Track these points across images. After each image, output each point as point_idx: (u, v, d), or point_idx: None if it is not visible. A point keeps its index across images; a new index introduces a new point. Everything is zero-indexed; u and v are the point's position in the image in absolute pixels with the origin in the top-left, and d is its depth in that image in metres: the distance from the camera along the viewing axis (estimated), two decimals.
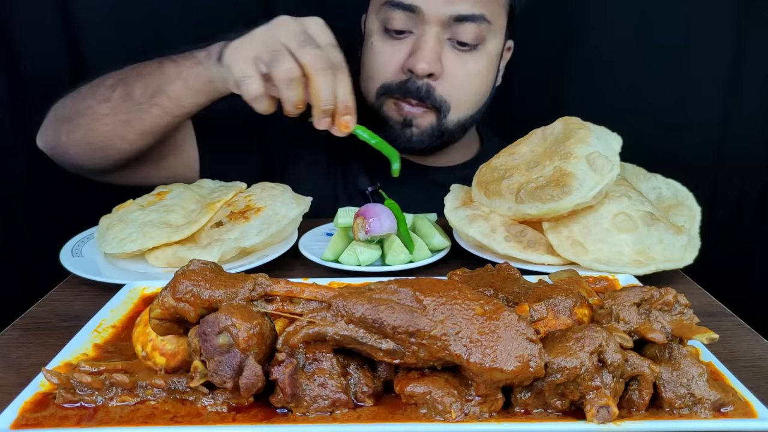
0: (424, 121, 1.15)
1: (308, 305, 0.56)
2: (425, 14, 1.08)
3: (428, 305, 0.53)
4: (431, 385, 0.53)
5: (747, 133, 1.53)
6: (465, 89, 1.15)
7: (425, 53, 1.09)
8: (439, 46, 1.10)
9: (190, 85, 0.97)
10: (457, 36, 1.10)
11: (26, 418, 0.52)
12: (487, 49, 1.14)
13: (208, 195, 1.02)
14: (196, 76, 0.97)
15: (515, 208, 0.89)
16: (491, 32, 1.13)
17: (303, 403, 0.53)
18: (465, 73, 1.13)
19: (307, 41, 0.88)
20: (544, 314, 0.58)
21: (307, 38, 0.88)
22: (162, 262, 0.89)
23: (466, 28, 1.10)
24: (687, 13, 1.45)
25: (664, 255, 0.86)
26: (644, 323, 0.56)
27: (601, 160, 0.87)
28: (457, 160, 1.29)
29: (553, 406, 0.53)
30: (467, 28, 1.10)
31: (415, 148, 1.17)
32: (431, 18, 1.08)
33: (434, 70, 1.10)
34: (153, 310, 0.56)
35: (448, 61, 1.11)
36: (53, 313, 0.79)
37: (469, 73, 1.14)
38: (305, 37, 0.88)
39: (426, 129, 1.15)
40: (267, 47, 0.88)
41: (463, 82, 1.14)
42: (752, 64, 1.47)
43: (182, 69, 0.98)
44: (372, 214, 0.91)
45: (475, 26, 1.10)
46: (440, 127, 1.16)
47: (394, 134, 1.16)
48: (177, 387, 0.55)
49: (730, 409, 0.53)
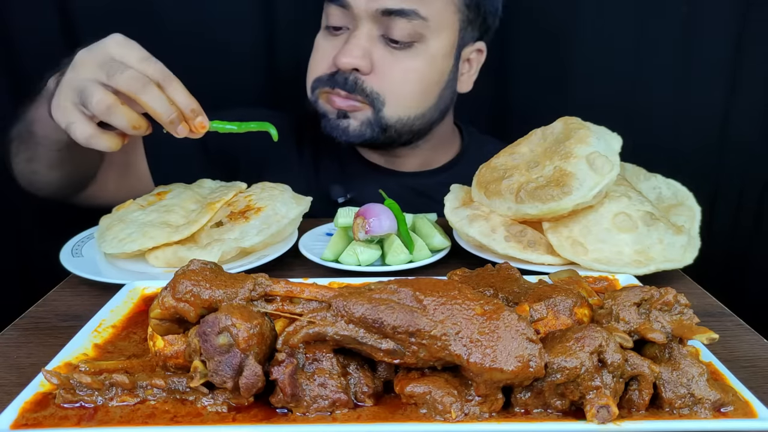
0: (360, 114, 1.13)
1: (308, 305, 0.56)
2: (354, 9, 1.08)
3: (428, 305, 0.53)
4: (431, 385, 0.53)
5: (747, 133, 1.53)
6: (400, 86, 1.12)
7: (350, 48, 1.08)
8: (369, 42, 1.09)
9: (45, 124, 0.91)
10: (389, 33, 1.08)
11: (26, 418, 0.52)
12: (427, 48, 1.11)
13: (208, 195, 1.02)
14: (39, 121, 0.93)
15: (515, 208, 0.89)
16: (430, 30, 1.10)
17: (303, 403, 0.53)
18: (399, 71, 1.11)
19: (113, 67, 0.80)
20: (544, 314, 0.58)
21: (113, 64, 0.80)
22: (162, 262, 0.89)
23: (397, 24, 1.07)
24: (687, 12, 1.45)
25: (664, 255, 0.86)
26: (644, 323, 0.56)
27: (601, 160, 0.87)
28: (435, 162, 1.28)
29: (553, 406, 0.53)
30: (399, 25, 1.07)
31: (355, 141, 1.15)
32: (360, 13, 1.08)
33: (358, 65, 1.08)
34: (153, 310, 0.56)
35: (380, 57, 1.10)
36: (53, 313, 0.79)
37: (405, 71, 1.11)
38: (111, 63, 0.80)
39: (364, 121, 1.13)
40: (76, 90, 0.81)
41: (397, 79, 1.11)
42: (753, 64, 1.47)
43: (34, 111, 0.94)
44: (372, 214, 0.91)
45: (406, 22, 1.07)
46: (379, 122, 1.13)
47: (330, 126, 1.15)
48: (177, 387, 0.55)
49: (730, 409, 0.53)
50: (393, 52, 1.10)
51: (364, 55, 1.08)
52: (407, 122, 1.16)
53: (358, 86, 1.10)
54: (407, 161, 1.26)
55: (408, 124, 1.16)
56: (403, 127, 1.16)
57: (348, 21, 1.11)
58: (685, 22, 1.45)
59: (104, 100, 0.79)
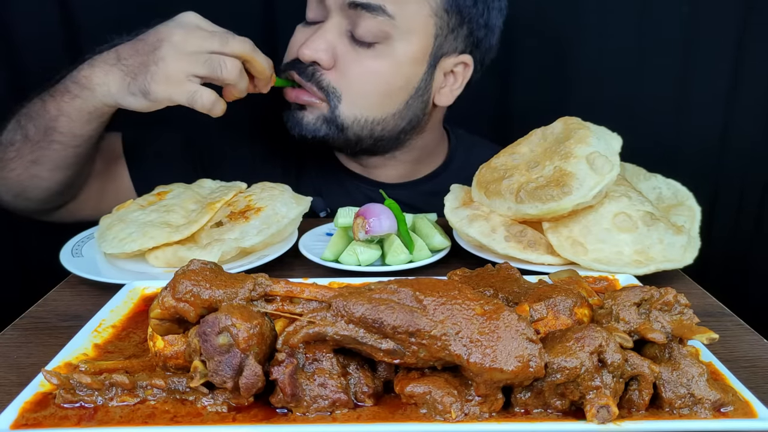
0: (316, 110, 1.10)
1: (308, 305, 0.56)
2: (326, 1, 1.06)
3: (428, 305, 0.53)
4: (431, 385, 0.53)
5: (748, 133, 1.53)
6: (358, 85, 1.08)
7: (313, 39, 1.06)
8: (335, 36, 1.07)
9: (74, 117, 0.95)
10: (354, 29, 1.05)
11: (26, 418, 0.52)
12: (392, 50, 1.07)
13: (208, 195, 1.02)
14: (78, 110, 0.95)
15: (515, 208, 0.89)
16: (398, 31, 1.05)
17: (303, 403, 0.53)
18: (360, 69, 1.07)
19: (222, 37, 0.91)
20: (544, 314, 0.58)
21: (215, 34, 0.91)
22: (162, 262, 0.89)
23: (363, 20, 1.04)
24: (688, 12, 1.45)
25: (664, 255, 0.86)
26: (644, 323, 0.56)
27: (601, 160, 0.87)
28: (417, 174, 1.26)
29: (553, 406, 0.53)
30: (364, 20, 1.04)
31: (307, 135, 1.12)
32: (332, 5, 1.06)
33: (318, 57, 1.06)
34: (153, 310, 0.56)
35: (343, 53, 1.07)
36: (53, 313, 0.79)
37: (365, 70, 1.08)
38: (215, 34, 0.91)
39: (319, 117, 1.10)
40: (194, 62, 0.89)
41: (355, 77, 1.08)
42: (754, 64, 1.47)
43: (61, 105, 0.95)
44: (372, 214, 0.91)
45: (372, 18, 1.03)
46: (335, 119, 1.10)
47: (288, 117, 1.14)
48: (177, 387, 0.55)
49: (730, 409, 0.53)
50: (357, 50, 1.07)
51: (326, 49, 1.06)
52: (365, 125, 1.11)
53: (314, 78, 1.08)
54: (387, 171, 1.23)
55: (367, 126, 1.12)
56: (362, 130, 1.12)
57: (323, 15, 1.09)
58: (685, 23, 1.45)
59: (236, 65, 0.91)
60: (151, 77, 0.89)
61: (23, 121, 1.00)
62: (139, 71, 0.90)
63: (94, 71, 0.93)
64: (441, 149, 1.30)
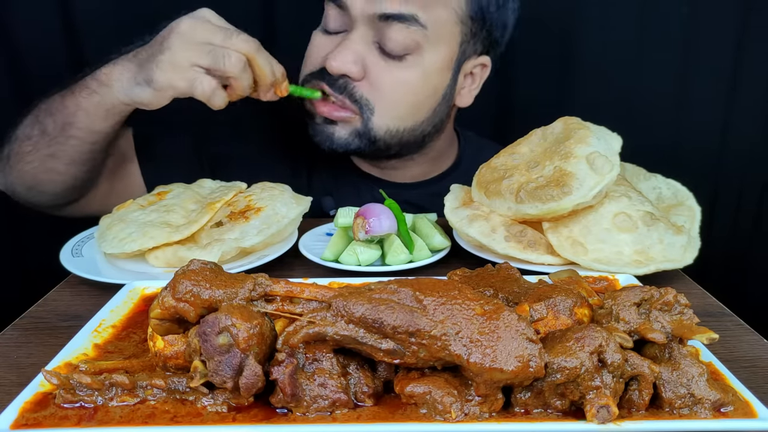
0: (348, 125, 1.10)
1: (308, 305, 0.56)
2: (351, 11, 1.04)
3: (428, 305, 0.53)
4: (431, 385, 0.53)
5: (748, 133, 1.53)
6: (391, 96, 1.08)
7: (342, 51, 1.04)
8: (364, 48, 1.05)
9: (92, 113, 0.97)
10: (383, 41, 1.04)
11: (26, 418, 0.52)
12: (422, 60, 1.06)
13: (208, 195, 1.02)
14: (96, 105, 0.96)
15: (515, 208, 0.89)
16: (428, 41, 1.05)
17: (303, 403, 0.53)
18: (391, 80, 1.07)
19: (227, 32, 0.91)
20: (544, 314, 0.58)
21: (224, 29, 0.92)
22: (162, 262, 0.89)
23: (394, 31, 1.03)
24: (687, 13, 1.45)
25: (664, 255, 0.86)
26: (644, 323, 0.56)
27: (601, 160, 0.87)
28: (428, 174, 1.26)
29: (553, 406, 0.53)
30: (395, 32, 1.03)
31: (339, 149, 1.12)
32: (358, 16, 1.04)
33: (348, 70, 1.05)
34: (153, 310, 0.56)
35: (372, 64, 1.06)
36: (53, 313, 0.79)
37: (396, 82, 1.07)
38: (221, 29, 0.92)
39: (352, 132, 1.10)
40: (198, 52, 0.90)
41: (387, 88, 1.07)
42: (753, 64, 1.47)
43: (80, 100, 0.97)
44: (372, 214, 0.91)
45: (404, 28, 1.02)
46: (368, 132, 1.10)
47: (315, 130, 1.13)
48: (177, 387, 0.55)
49: (730, 409, 0.53)
50: (386, 60, 1.06)
51: (355, 61, 1.05)
52: (396, 134, 1.12)
53: (347, 90, 1.07)
54: (402, 172, 1.24)
55: (397, 136, 1.12)
56: (392, 139, 1.12)
57: (345, 24, 1.07)
58: (685, 24, 1.45)
59: (240, 59, 0.90)
60: (156, 65, 0.90)
61: (41, 117, 1.01)
62: (147, 61, 0.92)
63: (115, 68, 0.95)
64: (452, 150, 1.30)
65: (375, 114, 1.09)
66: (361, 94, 1.07)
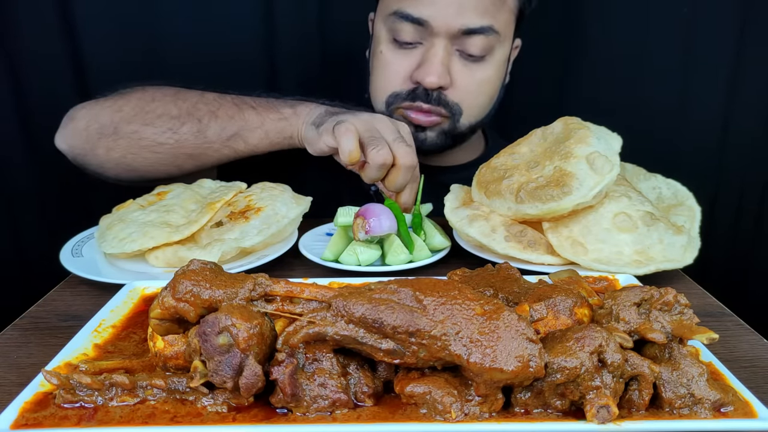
0: (437, 127, 1.16)
1: (308, 305, 0.56)
2: (434, 27, 1.08)
3: (428, 305, 0.53)
4: (431, 385, 0.53)
5: (748, 133, 1.53)
6: (474, 97, 1.16)
7: (434, 66, 1.09)
8: (447, 58, 1.11)
9: (270, 137, 1.04)
10: (465, 48, 1.11)
11: (26, 418, 0.52)
12: (495, 57, 1.15)
13: (208, 195, 1.02)
14: (278, 131, 1.04)
15: (515, 208, 0.89)
16: (499, 42, 1.13)
17: (303, 403, 0.53)
18: (474, 83, 1.14)
19: (399, 138, 0.97)
20: (544, 314, 0.58)
21: (399, 136, 0.98)
22: (162, 262, 0.89)
23: (474, 41, 1.10)
24: (688, 13, 1.45)
25: (664, 255, 0.86)
26: (644, 323, 0.56)
27: (601, 160, 0.87)
28: (461, 159, 1.29)
29: (553, 406, 0.53)
30: (475, 41, 1.10)
31: (429, 151, 1.18)
32: (440, 31, 1.08)
33: (443, 82, 1.11)
34: (153, 310, 0.56)
35: (456, 71, 1.12)
36: (53, 313, 0.79)
37: (479, 83, 1.15)
38: (398, 135, 0.98)
39: (440, 133, 1.17)
40: (369, 131, 0.95)
41: (472, 91, 1.15)
42: (753, 65, 1.48)
43: (265, 121, 1.04)
44: (372, 214, 0.91)
45: (483, 38, 1.10)
46: (453, 131, 1.17)
47: None
48: (177, 387, 0.55)
49: (730, 409, 0.53)
50: (468, 65, 1.13)
51: (445, 72, 1.11)
52: (475, 127, 1.20)
53: (441, 100, 1.13)
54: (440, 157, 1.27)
55: (474, 127, 1.20)
56: (468, 133, 1.20)
57: (421, 37, 1.11)
58: (685, 24, 1.45)
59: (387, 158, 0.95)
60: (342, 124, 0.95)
61: (204, 118, 1.05)
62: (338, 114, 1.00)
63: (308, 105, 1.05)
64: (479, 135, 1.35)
65: (463, 115, 1.16)
66: (453, 101, 1.14)
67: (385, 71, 1.16)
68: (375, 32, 1.19)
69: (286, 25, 1.44)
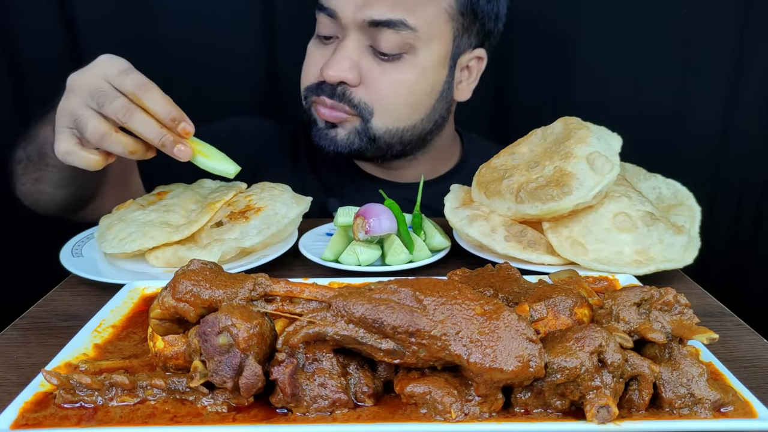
0: (348, 125, 1.11)
1: (308, 305, 0.56)
2: (341, 19, 1.06)
3: (428, 305, 0.53)
4: (431, 385, 0.53)
5: (748, 133, 1.53)
6: (389, 98, 1.09)
7: (337, 59, 1.06)
8: (357, 53, 1.07)
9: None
10: (376, 44, 1.06)
11: (26, 418, 0.52)
12: (417, 59, 1.08)
13: (208, 195, 1.02)
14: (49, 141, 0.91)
15: (515, 208, 0.89)
16: (420, 41, 1.06)
17: (303, 403, 0.53)
18: (388, 82, 1.08)
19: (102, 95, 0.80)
20: (544, 314, 0.58)
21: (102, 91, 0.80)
22: (162, 262, 0.89)
23: (384, 36, 1.04)
24: (687, 13, 1.45)
25: (664, 255, 0.86)
26: (644, 323, 0.56)
27: (601, 160, 0.87)
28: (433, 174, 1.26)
29: (553, 406, 0.53)
30: (386, 36, 1.04)
31: (343, 151, 1.13)
32: (348, 23, 1.06)
33: (345, 77, 1.07)
34: (153, 310, 0.56)
35: (368, 68, 1.08)
36: (53, 313, 0.79)
37: (393, 82, 1.08)
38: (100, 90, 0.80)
39: (351, 131, 1.11)
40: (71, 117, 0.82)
41: (384, 90, 1.09)
42: (754, 63, 1.47)
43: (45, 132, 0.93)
44: (372, 214, 0.91)
45: (394, 33, 1.04)
46: (367, 132, 1.11)
47: (319, 135, 1.14)
48: (177, 387, 0.55)
49: (730, 409, 0.53)
50: (381, 64, 1.08)
51: (351, 67, 1.06)
52: (396, 133, 1.13)
53: (345, 97, 1.09)
54: (405, 172, 1.24)
55: (397, 135, 1.13)
56: (392, 138, 1.13)
57: (337, 30, 1.09)
58: (686, 23, 1.45)
59: (98, 129, 0.80)
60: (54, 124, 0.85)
61: (25, 143, 1.01)
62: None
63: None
64: (455, 149, 1.31)
65: (374, 116, 1.10)
66: (359, 99, 1.09)
67: (305, 65, 1.15)
68: None
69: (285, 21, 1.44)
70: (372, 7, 1.03)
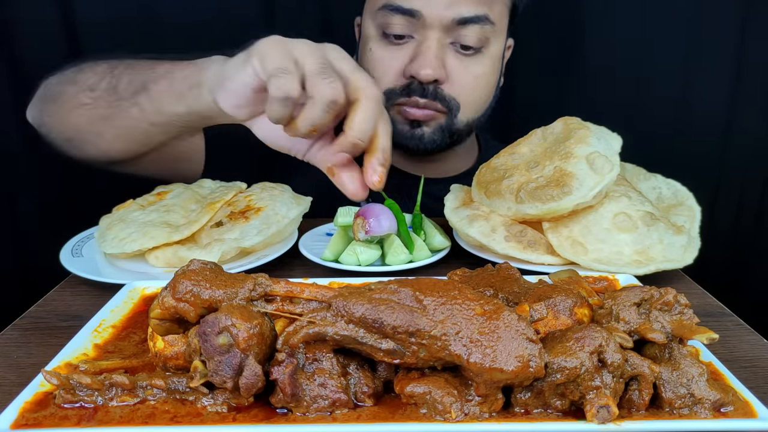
0: (434, 122, 1.14)
1: (308, 305, 0.56)
2: (426, 18, 1.06)
3: (428, 305, 0.53)
4: (431, 385, 0.53)
5: (748, 133, 1.53)
6: (470, 92, 1.14)
7: (428, 59, 1.07)
8: (441, 51, 1.09)
9: (175, 86, 0.85)
10: (459, 40, 1.09)
11: (26, 418, 0.52)
12: (490, 51, 1.13)
13: (208, 195, 1.02)
14: (183, 77, 0.85)
15: (515, 208, 0.89)
16: (494, 34, 1.11)
17: (303, 403, 0.53)
18: (470, 77, 1.12)
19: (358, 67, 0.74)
20: (544, 314, 0.58)
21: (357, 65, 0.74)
22: (162, 262, 0.89)
23: (469, 31, 1.08)
24: (689, 13, 1.45)
25: (664, 255, 0.86)
26: (644, 323, 0.56)
27: (601, 160, 0.87)
28: (456, 168, 1.27)
29: (553, 406, 0.53)
30: (470, 31, 1.08)
31: (428, 147, 1.16)
32: (433, 22, 1.06)
33: (438, 76, 1.08)
34: (153, 310, 0.56)
35: (451, 65, 1.10)
36: (53, 313, 0.79)
37: (475, 77, 1.13)
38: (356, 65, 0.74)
39: (436, 129, 1.15)
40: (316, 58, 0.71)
41: (468, 85, 1.13)
42: (755, 60, 1.48)
43: (174, 68, 0.87)
44: (372, 214, 0.91)
45: (478, 28, 1.08)
46: (450, 127, 1.15)
47: (403, 137, 1.15)
48: (177, 387, 0.55)
49: (730, 409, 0.53)
50: (462, 59, 1.11)
51: (440, 65, 1.08)
52: (470, 125, 1.17)
53: (438, 94, 1.11)
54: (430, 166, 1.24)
55: (470, 126, 1.18)
56: (465, 130, 1.17)
57: (413, 30, 1.09)
58: (687, 23, 1.45)
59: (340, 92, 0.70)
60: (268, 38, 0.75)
61: (118, 71, 0.93)
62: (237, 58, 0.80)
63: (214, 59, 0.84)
64: (474, 145, 1.34)
65: (460, 111, 1.14)
66: (449, 95, 1.12)
67: (376, 68, 1.13)
68: (363, 32, 1.17)
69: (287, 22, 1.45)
70: (458, 6, 1.06)
